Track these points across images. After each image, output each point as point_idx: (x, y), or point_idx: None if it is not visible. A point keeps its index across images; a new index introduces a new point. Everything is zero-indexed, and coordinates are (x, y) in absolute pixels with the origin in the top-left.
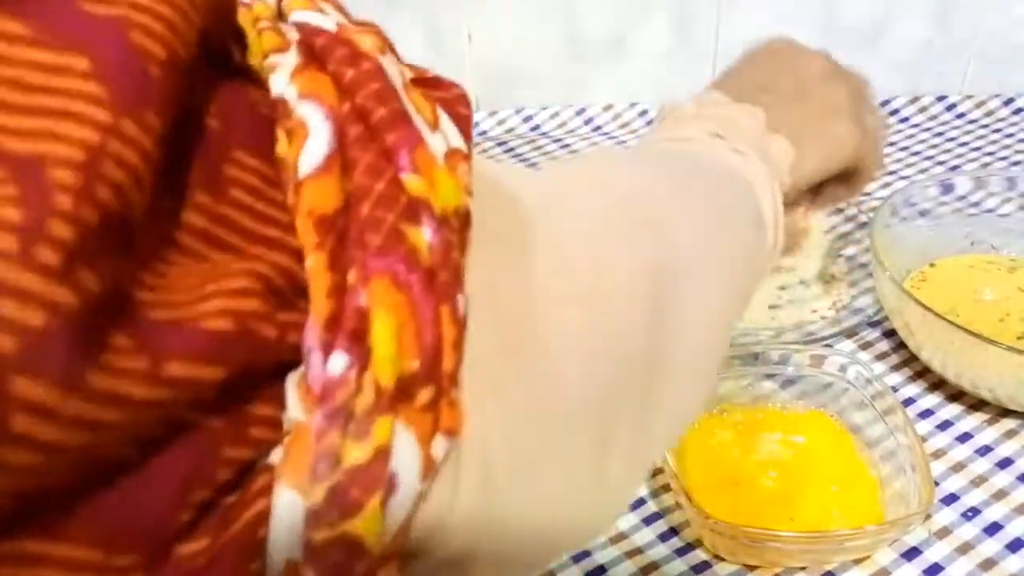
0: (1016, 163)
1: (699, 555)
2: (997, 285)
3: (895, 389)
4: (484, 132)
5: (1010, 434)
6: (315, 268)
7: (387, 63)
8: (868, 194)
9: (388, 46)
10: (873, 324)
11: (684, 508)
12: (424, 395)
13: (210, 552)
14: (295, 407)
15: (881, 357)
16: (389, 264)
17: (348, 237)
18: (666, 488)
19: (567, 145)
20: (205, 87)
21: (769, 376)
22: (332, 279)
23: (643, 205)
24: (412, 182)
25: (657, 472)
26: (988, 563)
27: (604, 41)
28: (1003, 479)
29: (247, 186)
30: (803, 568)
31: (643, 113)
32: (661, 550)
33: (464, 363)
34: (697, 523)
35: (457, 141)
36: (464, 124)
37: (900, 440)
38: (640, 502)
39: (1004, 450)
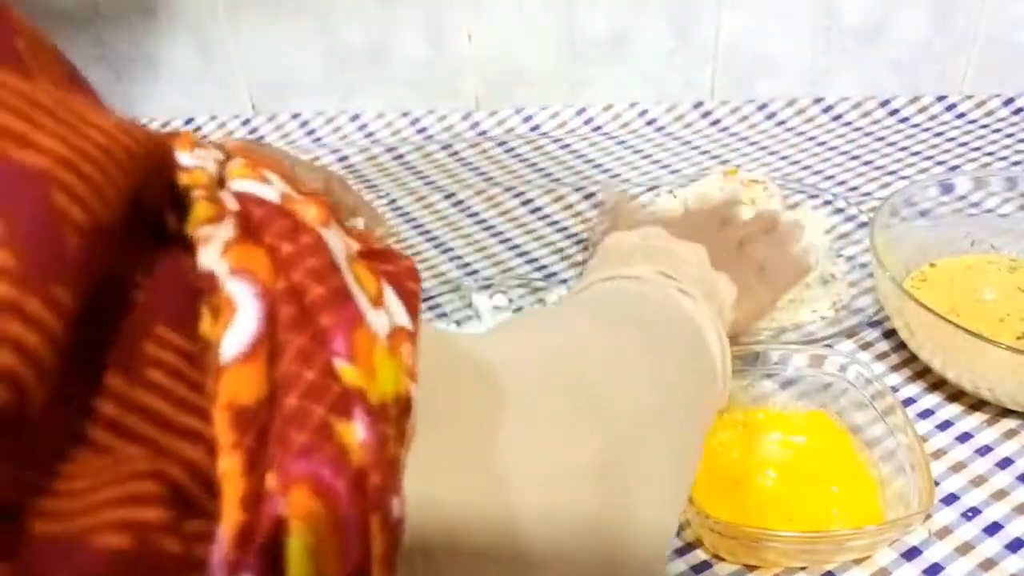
0: (1016, 163)
1: (699, 555)
2: (997, 285)
3: (895, 389)
4: (484, 132)
5: (1010, 434)
6: (229, 472)
7: (331, 236)
8: (868, 194)
9: (334, 217)
10: (873, 324)
11: (684, 508)
12: None
13: None
14: None
15: (881, 357)
16: (313, 467)
17: (270, 433)
18: None
19: (567, 145)
20: (131, 253)
21: (769, 376)
22: (247, 484)
23: (597, 378)
24: (347, 371)
25: None
26: (988, 563)
27: (604, 41)
28: (1003, 479)
29: (167, 367)
30: (803, 568)
31: (643, 113)
32: None
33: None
34: (697, 523)
35: (402, 319)
36: (411, 300)
37: (900, 440)
38: None
39: (1004, 450)
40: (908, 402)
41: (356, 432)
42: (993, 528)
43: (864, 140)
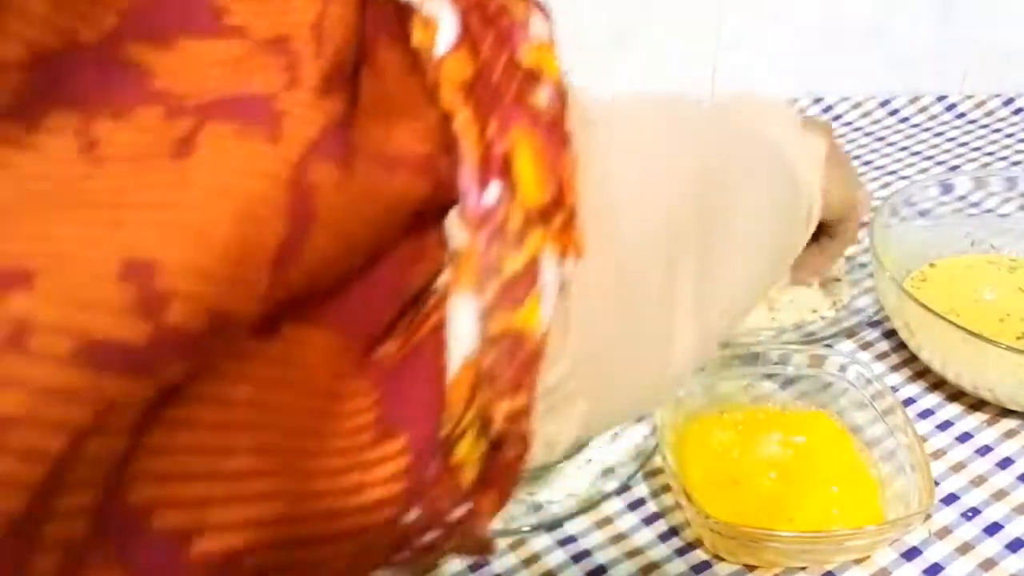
0: (1016, 163)
1: (699, 555)
2: (997, 285)
3: (895, 389)
4: None
5: (1010, 434)
6: (464, 121)
7: None
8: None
9: None
10: (873, 324)
11: (684, 508)
12: (558, 220)
13: (404, 351)
14: (460, 234)
15: (881, 357)
16: (521, 115)
17: (484, 99)
18: (666, 488)
19: None
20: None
21: (769, 376)
22: (478, 129)
23: (692, 123)
24: (527, 57)
25: (657, 472)
26: (988, 563)
27: (604, 41)
28: (1003, 479)
29: (396, 65)
30: (803, 568)
31: None
32: (661, 550)
33: None
34: (697, 523)
35: (547, 34)
36: (548, 20)
37: (900, 440)
38: (640, 502)
39: (1004, 450)
40: (908, 402)
41: (543, 98)
42: (993, 528)
43: (864, 140)
